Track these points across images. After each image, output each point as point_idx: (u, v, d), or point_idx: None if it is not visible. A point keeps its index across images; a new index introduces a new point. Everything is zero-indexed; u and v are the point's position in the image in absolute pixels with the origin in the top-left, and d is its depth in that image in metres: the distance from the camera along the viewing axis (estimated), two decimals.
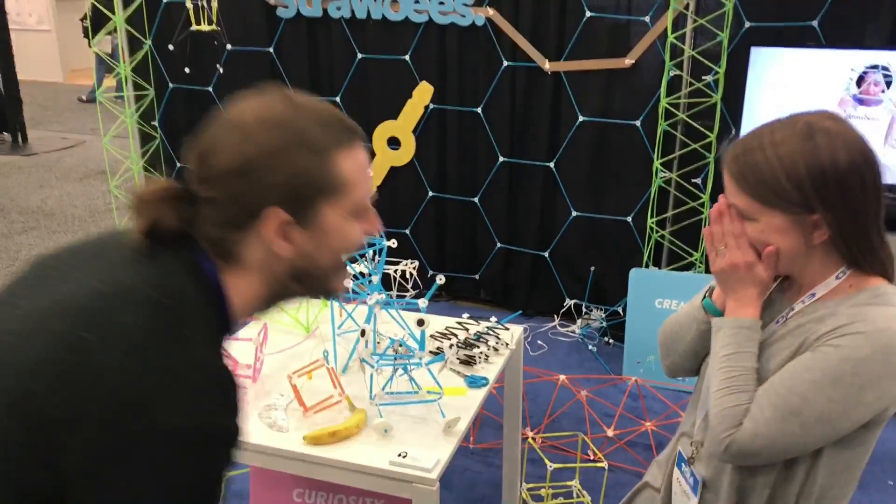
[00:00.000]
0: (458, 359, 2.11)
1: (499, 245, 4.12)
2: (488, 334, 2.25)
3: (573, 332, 4.01)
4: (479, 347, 2.15)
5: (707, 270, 3.68)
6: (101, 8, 4.32)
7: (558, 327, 4.03)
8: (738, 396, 1.24)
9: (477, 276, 4.25)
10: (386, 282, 2.23)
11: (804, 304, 1.29)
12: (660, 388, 3.28)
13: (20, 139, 7.74)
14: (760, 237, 1.25)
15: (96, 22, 4.71)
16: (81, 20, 9.17)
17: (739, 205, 1.26)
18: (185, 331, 0.93)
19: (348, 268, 1.38)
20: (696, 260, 3.66)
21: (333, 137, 1.03)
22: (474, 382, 2.03)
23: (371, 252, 2.20)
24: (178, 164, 4.61)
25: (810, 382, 1.18)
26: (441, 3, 3.76)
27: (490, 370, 2.11)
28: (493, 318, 2.34)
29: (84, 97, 9.93)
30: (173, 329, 0.92)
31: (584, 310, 4.02)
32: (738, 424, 1.23)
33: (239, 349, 2.11)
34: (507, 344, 2.22)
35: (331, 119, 1.05)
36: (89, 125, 8.54)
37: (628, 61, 3.59)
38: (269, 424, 1.86)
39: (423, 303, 2.03)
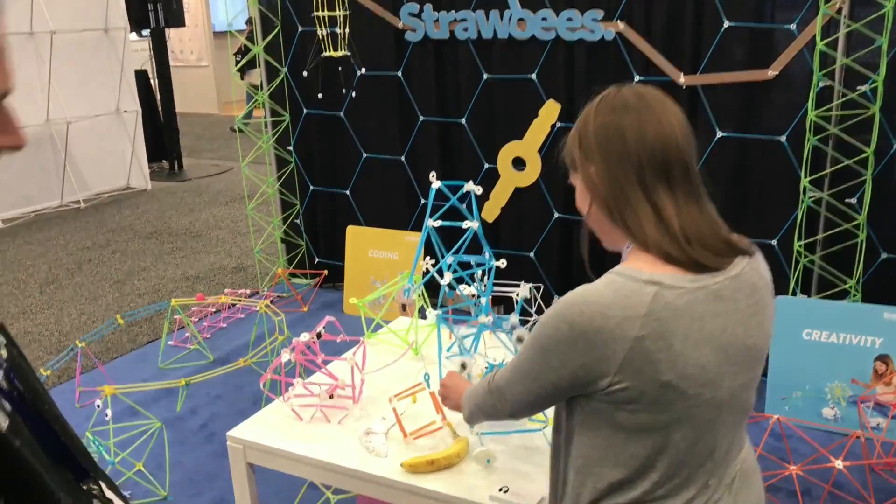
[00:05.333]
0: None
1: None
2: None
3: None
4: None
5: (865, 299, 3.32)
6: (247, 43, 4.53)
7: None
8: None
9: None
10: (509, 307, 2.12)
11: None
12: (807, 429, 2.96)
13: (176, 166, 8.27)
14: (577, 203, 1.31)
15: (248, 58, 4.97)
16: (235, 54, 9.73)
17: (570, 177, 1.33)
18: None
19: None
20: (850, 287, 3.31)
21: None
22: None
23: (480, 272, 2.11)
24: (311, 187, 4.72)
25: (525, 342, 1.28)
26: (569, 18, 3.65)
27: None
28: None
29: (234, 127, 10.51)
30: None
31: None
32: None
33: (344, 368, 2.07)
34: None
35: None
36: (238, 153, 9.00)
37: (771, 73, 3.32)
38: (367, 449, 1.79)
39: (514, 318, 1.91)
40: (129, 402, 3.30)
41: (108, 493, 0.96)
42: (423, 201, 4.38)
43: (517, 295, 2.28)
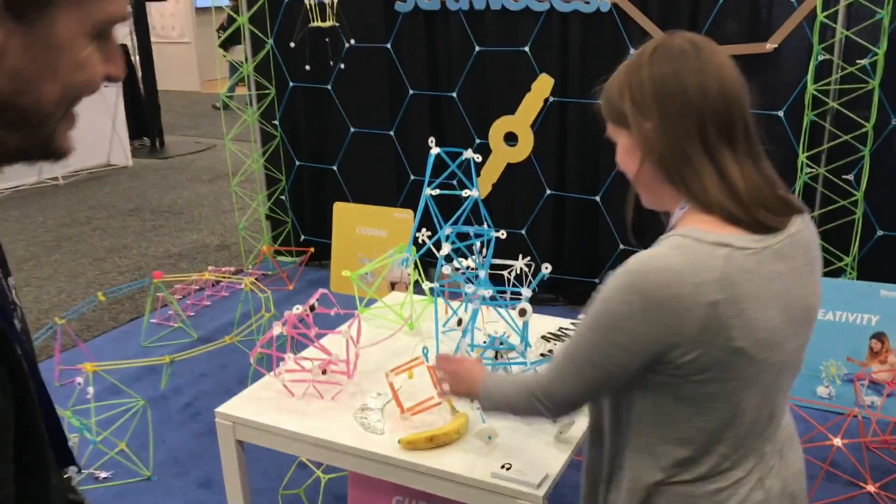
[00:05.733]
0: None
1: (622, 247, 3.86)
2: None
3: None
4: None
5: (860, 276, 3.29)
6: (232, 14, 4.40)
7: None
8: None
9: (597, 280, 4.00)
10: (500, 284, 2.05)
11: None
12: (801, 408, 2.93)
13: (157, 143, 8.11)
14: (619, 161, 1.24)
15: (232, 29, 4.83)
16: (218, 30, 9.54)
17: (608, 131, 1.25)
18: None
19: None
20: (845, 265, 3.28)
21: None
22: None
23: (479, 244, 2.03)
24: (297, 163, 4.62)
25: (580, 328, 1.19)
26: None
27: None
28: None
29: (218, 105, 10.34)
30: None
31: None
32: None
33: (336, 342, 2.00)
34: None
35: None
36: (221, 130, 8.85)
37: (770, 46, 3.26)
38: (363, 425, 1.73)
39: (526, 292, 1.85)
40: (112, 380, 3.21)
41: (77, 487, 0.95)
42: (412, 177, 4.29)
43: (510, 272, 2.22)
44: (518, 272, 2.14)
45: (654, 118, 1.14)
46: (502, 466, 1.55)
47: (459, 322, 1.72)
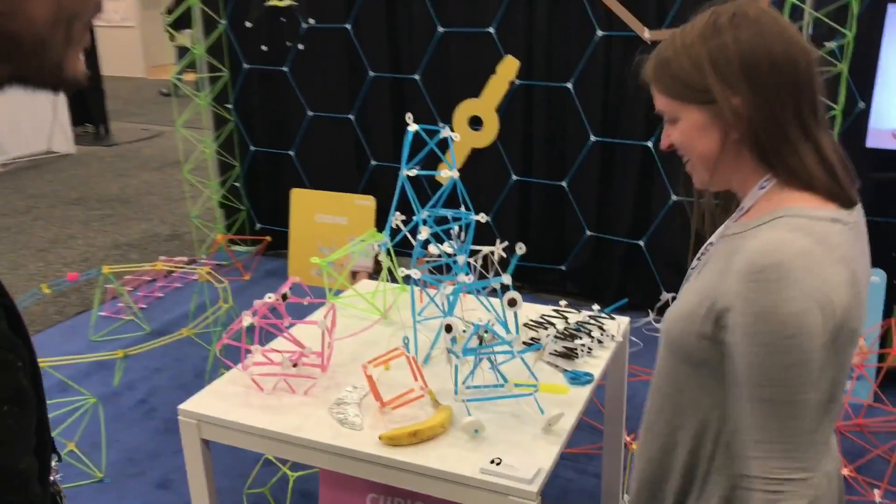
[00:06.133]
0: (555, 351, 1.83)
1: (588, 233, 3.81)
2: (591, 324, 1.96)
3: None
4: (580, 339, 1.85)
5: None
6: None
7: (653, 323, 3.69)
8: None
9: (564, 268, 3.95)
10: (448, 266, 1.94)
11: (734, 222, 1.14)
12: None
13: (102, 130, 7.81)
14: (684, 140, 1.12)
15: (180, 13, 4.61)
16: (164, 12, 9.23)
17: (663, 109, 1.14)
18: None
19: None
20: None
21: None
22: (576, 379, 1.74)
23: (457, 228, 1.93)
24: (252, 148, 4.45)
25: (755, 369, 1.01)
26: None
27: (594, 365, 1.82)
28: (596, 307, 2.05)
29: (165, 90, 10.02)
30: None
31: None
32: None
33: (306, 333, 1.88)
34: (612, 336, 1.93)
35: None
36: (169, 117, 8.55)
37: None
38: (340, 421, 1.62)
39: (506, 278, 1.76)
40: (60, 377, 3.03)
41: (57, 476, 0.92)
42: (373, 162, 4.17)
43: (475, 260, 2.12)
44: (484, 259, 2.06)
45: (744, 92, 1.04)
46: (492, 461, 1.46)
47: (448, 329, 1.61)
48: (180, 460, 2.09)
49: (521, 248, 1.69)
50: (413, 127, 1.76)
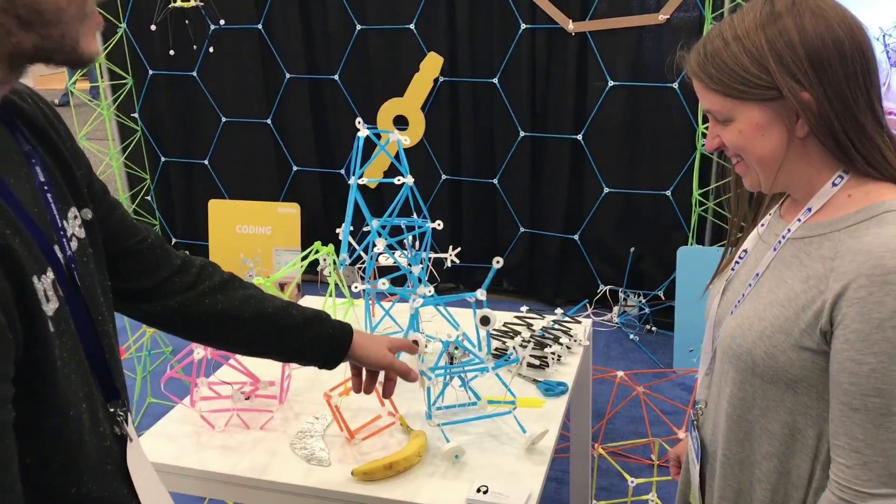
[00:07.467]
0: (526, 362, 1.74)
1: (522, 230, 3.75)
2: (557, 330, 1.88)
3: (610, 321, 3.65)
4: (549, 346, 1.78)
5: None
6: None
7: (593, 316, 3.67)
8: None
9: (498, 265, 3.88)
10: (401, 278, 1.83)
11: (800, 223, 1.05)
12: None
13: None
14: (742, 142, 1.01)
15: None
16: None
17: (713, 108, 1.03)
18: None
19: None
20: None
21: None
22: (551, 390, 1.66)
23: (411, 238, 1.82)
24: (163, 159, 4.20)
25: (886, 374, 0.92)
26: None
27: (565, 373, 1.74)
28: (559, 311, 1.97)
29: (57, 101, 9.46)
30: None
31: (620, 296, 3.66)
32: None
33: (259, 364, 1.73)
34: (579, 341, 1.86)
35: None
36: (72, 128, 8.08)
37: (662, 17, 3.22)
38: (305, 457, 1.48)
39: (481, 294, 1.67)
40: None
41: (130, 427, 0.91)
42: (294, 168, 4.00)
43: (448, 259, 2.02)
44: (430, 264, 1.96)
45: (815, 86, 0.95)
46: (478, 489, 1.36)
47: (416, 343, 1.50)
48: None
49: (497, 262, 1.61)
50: (364, 132, 1.63)
